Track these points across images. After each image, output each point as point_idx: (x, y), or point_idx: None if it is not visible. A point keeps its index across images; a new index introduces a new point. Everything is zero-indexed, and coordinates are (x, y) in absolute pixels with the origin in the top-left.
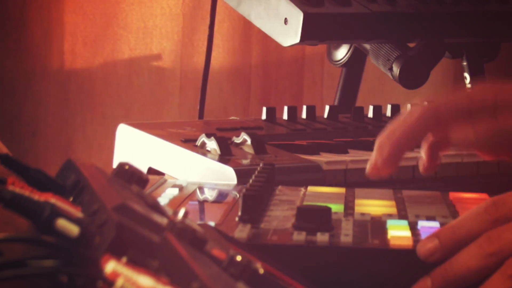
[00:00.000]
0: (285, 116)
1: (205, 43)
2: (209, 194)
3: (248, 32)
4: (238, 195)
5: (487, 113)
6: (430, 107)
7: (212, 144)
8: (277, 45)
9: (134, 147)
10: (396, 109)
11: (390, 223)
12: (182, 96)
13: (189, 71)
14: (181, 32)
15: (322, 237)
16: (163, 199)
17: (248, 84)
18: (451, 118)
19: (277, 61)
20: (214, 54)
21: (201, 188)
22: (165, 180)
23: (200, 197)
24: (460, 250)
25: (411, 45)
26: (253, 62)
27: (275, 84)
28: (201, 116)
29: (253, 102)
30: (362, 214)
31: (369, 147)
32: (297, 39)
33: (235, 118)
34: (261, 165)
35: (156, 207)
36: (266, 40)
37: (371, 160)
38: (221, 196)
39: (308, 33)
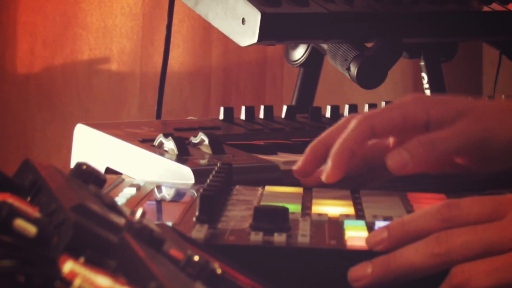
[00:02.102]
0: (242, 116)
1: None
2: (167, 194)
3: (208, 32)
4: (195, 195)
5: (419, 131)
6: (365, 123)
7: (169, 144)
8: (238, 45)
9: (91, 147)
10: (353, 109)
11: (348, 223)
12: (142, 96)
13: (149, 71)
14: (141, 32)
15: (279, 238)
16: (121, 199)
17: (209, 85)
18: (385, 134)
19: (238, 61)
20: (174, 54)
21: (158, 188)
22: (123, 180)
23: (158, 196)
24: (407, 245)
25: (369, 45)
26: (213, 62)
27: (236, 85)
28: (158, 116)
29: (213, 102)
30: (320, 214)
31: None
32: (254, 39)
33: (193, 118)
34: (218, 165)
35: (114, 207)
36: (227, 40)
37: (300, 163)
38: (179, 196)
39: (266, 33)
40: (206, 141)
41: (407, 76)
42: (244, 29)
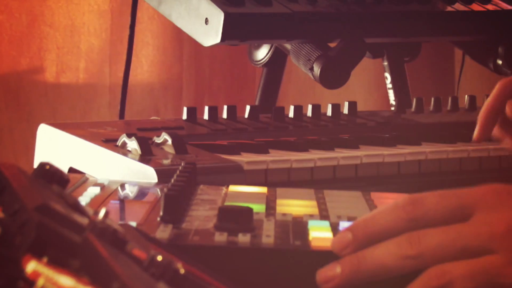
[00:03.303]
0: (205, 116)
1: (135, 41)
2: (131, 194)
3: (179, 29)
4: (159, 195)
5: None
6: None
7: (132, 144)
8: None
9: (55, 147)
10: (317, 109)
11: (312, 224)
12: (112, 95)
13: (118, 70)
14: (109, 30)
15: (243, 238)
16: (84, 198)
17: (180, 84)
18: None
19: (210, 60)
20: (144, 52)
21: (122, 188)
22: (86, 179)
23: (122, 196)
24: (376, 244)
25: (332, 45)
26: (185, 61)
27: (209, 84)
28: (121, 116)
29: (185, 102)
30: (284, 214)
31: (289, 147)
32: (218, 39)
33: (156, 118)
34: (182, 164)
35: (77, 207)
36: None
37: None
38: (143, 196)
39: (229, 33)
40: (169, 141)
41: (368, 76)
42: (207, 29)
